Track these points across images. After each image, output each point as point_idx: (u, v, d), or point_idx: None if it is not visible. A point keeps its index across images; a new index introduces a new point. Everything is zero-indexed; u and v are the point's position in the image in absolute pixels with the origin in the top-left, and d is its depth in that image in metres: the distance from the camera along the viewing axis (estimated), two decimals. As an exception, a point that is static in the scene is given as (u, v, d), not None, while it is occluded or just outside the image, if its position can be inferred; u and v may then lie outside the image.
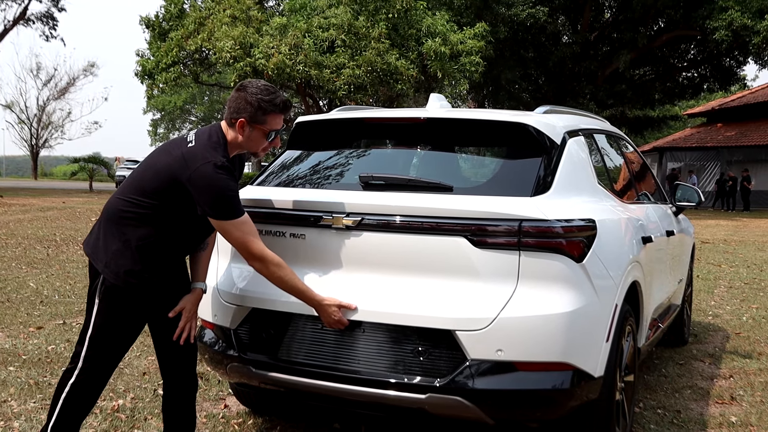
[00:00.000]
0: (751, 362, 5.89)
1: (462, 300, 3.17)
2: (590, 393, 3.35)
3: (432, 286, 3.24)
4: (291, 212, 3.57)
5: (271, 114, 3.18)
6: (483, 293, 3.16)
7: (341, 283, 3.40)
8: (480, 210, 3.21)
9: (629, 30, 33.36)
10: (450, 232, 3.21)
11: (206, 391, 4.79)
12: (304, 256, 3.52)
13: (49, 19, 39.48)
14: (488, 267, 3.16)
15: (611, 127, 5.22)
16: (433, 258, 3.25)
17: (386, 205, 3.37)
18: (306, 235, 3.50)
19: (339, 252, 3.44)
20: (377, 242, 3.35)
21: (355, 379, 3.29)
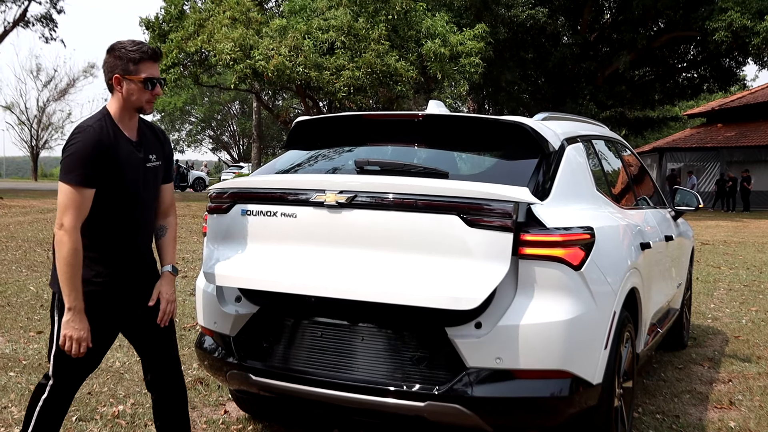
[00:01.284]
0: (750, 366, 5.90)
1: (452, 278, 3.10)
2: (589, 400, 3.36)
3: (423, 264, 3.18)
4: (282, 191, 3.52)
5: (142, 62, 3.12)
6: (474, 272, 3.09)
7: (331, 262, 3.34)
8: (475, 190, 3.18)
9: (629, 31, 33.35)
10: (443, 210, 3.16)
11: (206, 396, 4.80)
12: (294, 235, 3.45)
13: (48, 20, 39.50)
14: (480, 247, 3.11)
15: (610, 133, 5.24)
16: (424, 237, 3.19)
17: (380, 184, 3.34)
18: (297, 215, 3.44)
19: (330, 230, 3.37)
20: (369, 220, 3.29)
21: (355, 386, 3.30)
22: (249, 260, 3.51)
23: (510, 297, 3.20)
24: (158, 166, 3.28)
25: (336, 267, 3.32)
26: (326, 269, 3.33)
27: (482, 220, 3.12)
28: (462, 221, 3.13)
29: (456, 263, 3.13)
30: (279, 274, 3.41)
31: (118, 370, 5.29)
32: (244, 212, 3.61)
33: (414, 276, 3.17)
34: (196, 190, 42.96)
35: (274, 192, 3.55)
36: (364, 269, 3.27)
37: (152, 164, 3.24)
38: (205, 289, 3.87)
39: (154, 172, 3.26)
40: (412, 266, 3.19)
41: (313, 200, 3.39)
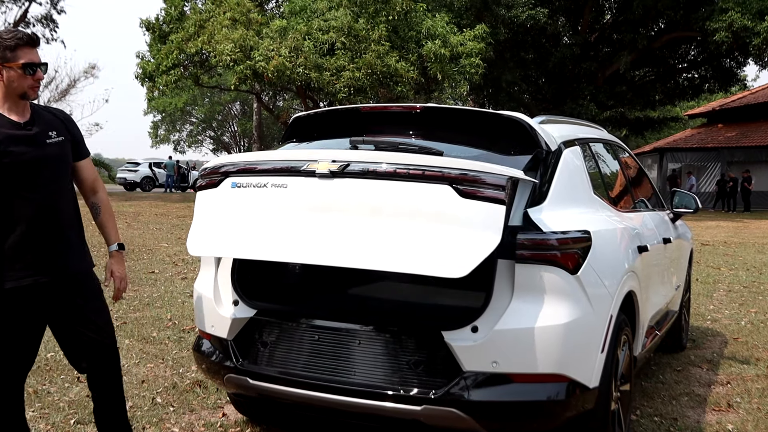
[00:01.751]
0: (749, 368, 5.90)
1: (443, 247, 3.02)
2: (586, 403, 3.36)
3: (413, 232, 3.09)
4: (274, 164, 3.44)
5: (19, 48, 3.14)
6: (464, 242, 3.01)
7: (319, 230, 3.24)
8: (468, 164, 3.12)
9: (629, 31, 33.33)
10: (436, 180, 3.08)
11: (204, 399, 4.80)
12: (284, 205, 3.35)
13: (48, 21, 39.51)
14: (472, 217, 3.03)
15: (608, 135, 5.24)
16: (416, 206, 3.11)
17: (374, 155, 3.30)
18: (288, 185, 3.35)
19: (320, 199, 3.27)
20: (361, 189, 3.21)
21: (351, 390, 3.31)
22: (236, 230, 3.41)
23: (506, 301, 3.21)
24: (61, 141, 3.30)
25: (324, 234, 3.22)
26: (314, 237, 3.22)
27: (475, 191, 3.04)
28: (454, 191, 3.05)
29: (447, 232, 3.04)
30: (265, 241, 3.30)
31: (116, 372, 5.29)
32: (235, 185, 3.51)
33: (404, 243, 3.07)
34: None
35: (266, 165, 3.45)
36: (352, 236, 3.17)
37: (53, 140, 3.27)
38: (203, 292, 3.88)
39: (57, 148, 3.28)
40: (403, 234, 3.10)
41: (305, 169, 3.29)
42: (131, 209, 22.44)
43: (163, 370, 5.40)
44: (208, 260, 4.00)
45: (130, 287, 8.92)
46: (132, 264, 10.92)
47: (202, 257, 4.07)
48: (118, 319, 7.00)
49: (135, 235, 14.95)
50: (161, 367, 5.47)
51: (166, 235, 15.11)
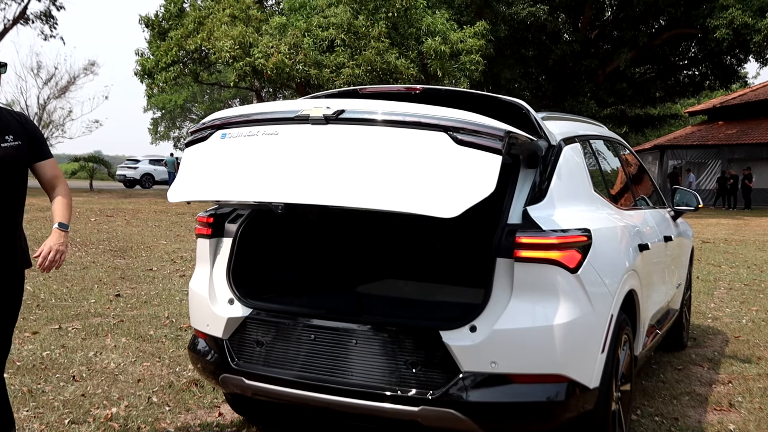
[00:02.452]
0: (750, 367, 5.85)
1: (434, 189, 2.92)
2: (586, 404, 3.32)
3: (405, 175, 2.99)
4: (267, 114, 3.35)
5: None
6: (457, 186, 2.91)
7: (309, 173, 3.13)
8: (466, 116, 3.07)
9: (630, 28, 33.25)
10: (432, 128, 3.02)
11: (201, 398, 4.76)
12: (274, 151, 3.25)
13: (48, 17, 39.40)
14: (466, 164, 2.95)
15: (608, 132, 5.20)
16: (410, 151, 3.03)
17: (369, 104, 3.24)
18: (279, 132, 3.26)
19: (312, 144, 3.18)
20: (354, 134, 3.13)
21: (349, 391, 3.27)
22: (222, 176, 3.32)
23: (505, 300, 3.16)
24: (17, 145, 3.37)
25: (315, 176, 3.11)
26: (304, 178, 3.12)
27: (471, 140, 2.97)
28: (450, 139, 2.99)
29: (440, 176, 2.95)
30: (253, 184, 3.20)
31: (112, 371, 5.25)
32: (224, 136, 3.43)
33: (396, 184, 2.98)
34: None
35: (258, 116, 3.37)
36: (344, 177, 3.07)
37: (8, 144, 3.33)
38: (198, 291, 3.84)
39: (12, 151, 3.34)
40: (395, 176, 3.00)
41: (299, 115, 3.22)
42: (130, 206, 22.39)
43: (159, 369, 5.36)
44: (204, 258, 3.95)
45: (128, 285, 8.88)
46: (130, 262, 10.87)
47: (198, 255, 4.03)
48: (115, 318, 6.97)
49: (134, 232, 14.90)
50: (157, 366, 5.43)
51: (164, 233, 15.06)
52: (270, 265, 4.26)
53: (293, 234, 4.52)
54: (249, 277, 3.93)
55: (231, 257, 3.82)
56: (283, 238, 4.39)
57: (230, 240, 3.87)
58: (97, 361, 5.50)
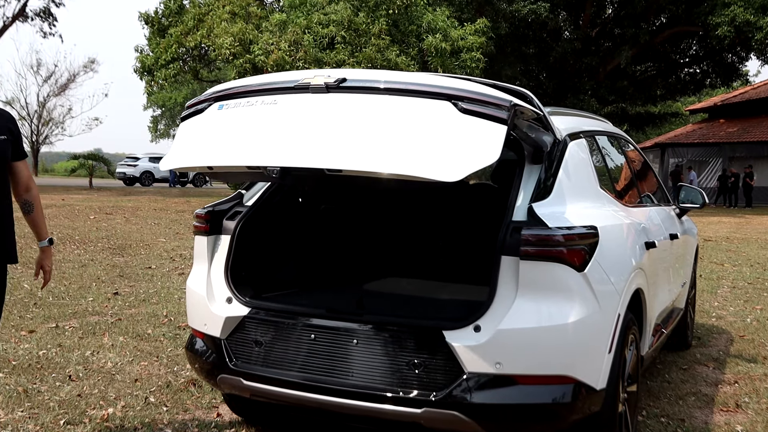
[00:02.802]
0: (756, 366, 5.77)
1: (437, 154, 2.82)
2: (592, 406, 3.25)
3: (407, 141, 2.90)
4: (266, 85, 3.27)
5: None
6: (460, 153, 2.81)
7: (308, 138, 3.04)
8: (471, 86, 3.00)
9: (631, 26, 33.15)
10: (436, 96, 2.96)
11: (199, 398, 4.68)
12: (272, 119, 3.15)
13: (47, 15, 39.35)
14: (470, 133, 2.87)
15: (613, 128, 5.12)
16: (413, 119, 2.95)
17: (372, 73, 3.17)
18: (278, 101, 3.18)
19: (312, 112, 3.09)
20: (356, 102, 3.05)
21: (349, 392, 3.19)
22: (218, 143, 3.23)
23: (510, 299, 3.08)
24: (3, 140, 3.43)
25: (314, 140, 3.03)
26: (301, 143, 3.03)
27: (476, 109, 2.89)
28: (454, 107, 2.92)
29: (443, 144, 2.87)
30: (250, 149, 3.11)
31: (109, 371, 5.17)
32: (221, 107, 3.35)
33: (397, 149, 2.89)
34: (197, 185, 42.90)
35: (258, 86, 3.29)
36: (342, 142, 2.98)
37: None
38: (195, 289, 3.76)
39: (3, 145, 3.43)
40: (397, 141, 2.91)
41: (299, 84, 3.14)
42: (130, 204, 22.31)
43: (157, 369, 5.28)
44: (201, 256, 3.88)
45: (127, 283, 8.80)
46: (129, 259, 10.80)
47: (195, 253, 3.95)
48: (113, 316, 6.89)
49: (133, 230, 14.82)
50: (155, 365, 5.35)
51: (164, 230, 14.98)
52: (269, 263, 4.18)
53: (293, 231, 4.44)
54: (247, 275, 3.85)
55: (229, 255, 3.74)
56: (282, 235, 4.32)
57: (228, 237, 3.80)
58: (94, 360, 5.42)
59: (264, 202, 4.04)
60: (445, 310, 3.71)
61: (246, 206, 3.97)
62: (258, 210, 3.97)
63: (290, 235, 4.42)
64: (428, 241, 5.12)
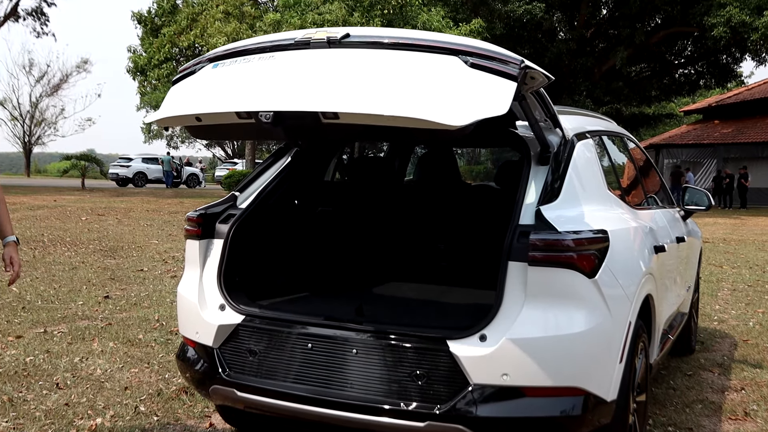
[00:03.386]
0: (762, 372, 5.64)
1: (442, 102, 2.65)
2: (602, 418, 3.10)
3: (412, 89, 2.75)
4: (264, 44, 3.14)
5: None
6: (466, 103, 2.66)
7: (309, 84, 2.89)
8: (481, 44, 2.88)
9: (626, 26, 33.10)
10: (443, 51, 2.83)
11: (190, 407, 4.52)
12: (269, 71, 3.01)
13: (39, 14, 39.11)
14: (478, 86, 2.72)
15: (617, 127, 4.99)
16: (419, 72, 2.81)
17: (377, 30, 3.03)
18: (276, 57, 3.04)
19: (313, 65, 2.95)
20: (359, 56, 2.91)
21: (348, 404, 3.04)
22: (208, 94, 3.08)
23: (518, 307, 2.93)
24: None
25: (310, 87, 2.87)
26: (297, 89, 2.88)
27: (485, 65, 2.76)
28: (462, 62, 2.78)
29: (449, 94, 2.71)
30: (239, 95, 2.96)
31: (98, 378, 5.01)
32: (216, 66, 3.19)
33: (402, 93, 2.72)
34: (190, 186, 42.66)
35: (256, 45, 3.15)
36: (342, 88, 2.82)
37: None
38: (187, 296, 3.60)
39: None
40: (399, 90, 2.75)
41: (300, 40, 3.00)
42: (122, 205, 22.12)
43: (148, 376, 5.12)
44: (193, 261, 3.72)
45: (118, 286, 8.63)
46: (120, 262, 10.62)
47: (187, 258, 3.79)
48: (104, 320, 6.72)
49: (125, 231, 14.64)
50: (146, 372, 5.19)
51: (156, 232, 14.81)
52: (264, 269, 4.02)
53: (288, 235, 4.28)
54: (241, 281, 3.69)
55: (222, 260, 3.59)
56: (277, 239, 4.16)
57: (221, 241, 3.64)
58: (82, 367, 5.26)
59: (258, 205, 3.88)
60: (449, 318, 3.56)
61: (240, 209, 3.82)
62: (252, 213, 3.82)
63: (286, 239, 4.26)
64: (429, 245, 4.96)
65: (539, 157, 3.38)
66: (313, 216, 4.54)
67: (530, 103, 3.21)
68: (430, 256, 4.94)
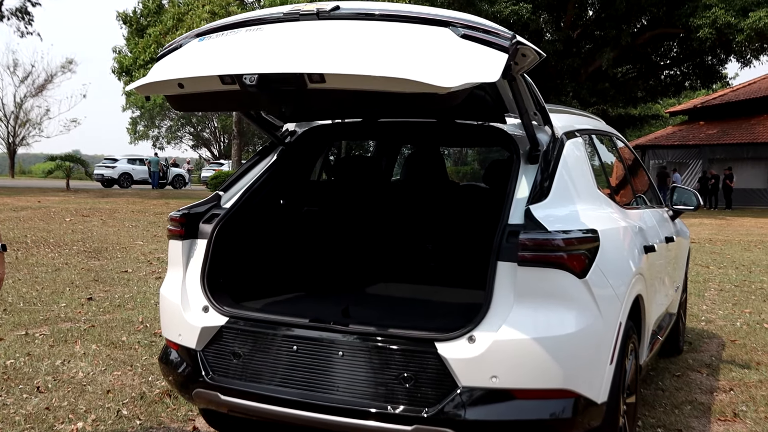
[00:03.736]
0: (750, 373, 5.62)
1: (432, 66, 2.60)
2: (593, 420, 3.06)
3: (401, 55, 2.70)
4: (251, 18, 3.11)
5: None
6: (456, 69, 2.61)
7: (296, 48, 2.84)
8: (472, 17, 2.84)
9: (612, 28, 33.19)
10: (434, 23, 2.81)
11: (174, 411, 4.44)
12: (256, 39, 2.97)
13: (23, 14, 38.79)
14: (468, 55, 2.68)
15: (605, 126, 4.95)
16: (409, 41, 2.78)
17: (368, 3, 2.99)
18: (264, 28, 3.01)
19: (301, 36, 2.91)
20: (350, 27, 2.88)
21: (334, 408, 2.98)
22: (193, 61, 3.03)
23: (507, 308, 2.88)
24: None
25: (298, 51, 2.83)
26: (285, 52, 2.84)
27: (476, 36, 2.73)
28: (453, 33, 2.76)
29: (439, 61, 2.67)
30: (224, 60, 2.92)
31: (80, 381, 4.92)
32: (202, 39, 3.14)
33: (389, 59, 2.68)
34: (176, 187, 42.43)
35: (244, 20, 3.11)
36: (331, 51, 2.78)
37: None
38: (170, 297, 3.53)
39: None
40: (389, 56, 2.71)
41: (288, 12, 2.96)
42: (107, 206, 21.95)
43: (131, 379, 5.03)
44: (176, 262, 3.65)
45: (101, 287, 8.52)
46: (105, 263, 10.50)
47: (170, 258, 3.71)
48: (87, 322, 6.62)
49: (109, 232, 14.51)
50: (129, 375, 5.10)
51: (141, 233, 14.68)
52: (248, 270, 3.95)
53: (274, 235, 4.22)
54: (225, 282, 3.62)
55: (206, 261, 3.52)
56: (262, 239, 4.09)
57: (205, 242, 3.57)
58: (64, 370, 5.16)
59: (243, 205, 3.81)
60: (437, 320, 3.50)
61: (224, 208, 3.75)
62: (237, 213, 3.75)
63: (271, 239, 4.19)
64: (417, 245, 4.90)
65: (528, 155, 3.34)
66: (299, 216, 4.48)
67: (521, 88, 3.15)
68: (417, 256, 4.89)
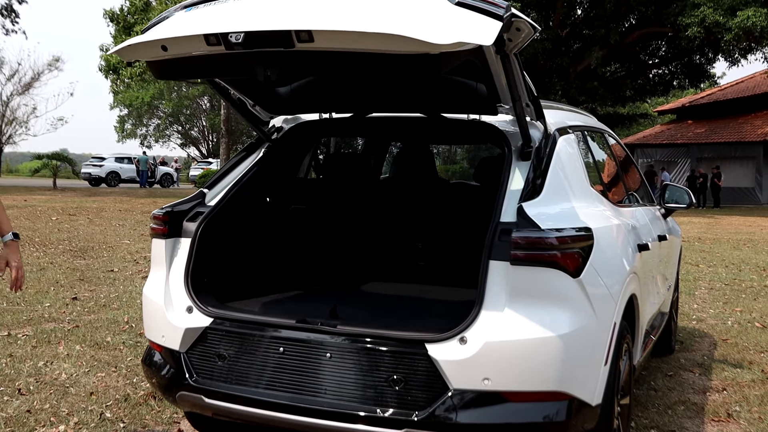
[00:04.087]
0: (743, 372, 5.57)
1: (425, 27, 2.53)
2: (587, 423, 2.99)
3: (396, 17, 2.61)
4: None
5: None
6: (449, 30, 2.52)
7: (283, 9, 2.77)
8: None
9: (601, 26, 33.21)
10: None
11: (159, 413, 4.35)
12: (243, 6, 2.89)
13: (9, 11, 38.46)
14: (461, 22, 2.61)
15: (597, 123, 4.89)
16: (405, 5, 2.70)
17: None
18: None
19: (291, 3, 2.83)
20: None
21: (322, 411, 2.89)
22: (177, 25, 2.94)
23: (500, 308, 2.81)
24: None
25: (286, 10, 2.75)
26: (272, 13, 2.76)
27: (471, 3, 2.65)
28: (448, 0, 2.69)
29: (433, 22, 2.59)
30: (209, 20, 2.83)
31: (63, 383, 4.81)
32: (189, 9, 3.04)
33: (382, 18, 2.60)
34: (164, 186, 42.22)
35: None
36: (321, 10, 2.71)
37: None
38: (153, 297, 3.44)
39: None
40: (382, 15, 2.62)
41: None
42: (94, 205, 21.77)
43: (115, 380, 4.93)
44: (159, 261, 3.55)
45: (87, 287, 8.40)
46: (91, 262, 10.37)
47: (153, 258, 3.62)
48: (71, 323, 6.51)
49: (96, 231, 14.36)
50: (113, 377, 5.00)
51: (128, 232, 14.54)
52: (234, 269, 3.86)
53: (260, 233, 4.13)
54: (210, 282, 3.53)
55: (189, 260, 3.43)
56: (248, 238, 4.00)
57: (189, 240, 3.48)
58: (47, 371, 5.06)
59: (228, 202, 3.72)
60: (428, 320, 3.42)
61: (208, 206, 3.65)
62: (221, 210, 3.65)
63: (257, 237, 4.10)
64: (407, 244, 4.82)
65: (520, 152, 3.26)
66: (286, 214, 4.39)
67: (514, 69, 3.06)
68: (407, 255, 4.80)
